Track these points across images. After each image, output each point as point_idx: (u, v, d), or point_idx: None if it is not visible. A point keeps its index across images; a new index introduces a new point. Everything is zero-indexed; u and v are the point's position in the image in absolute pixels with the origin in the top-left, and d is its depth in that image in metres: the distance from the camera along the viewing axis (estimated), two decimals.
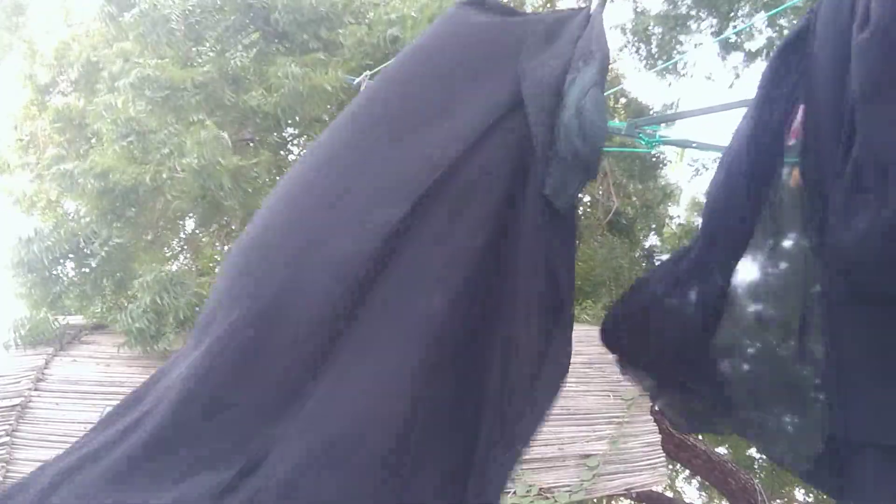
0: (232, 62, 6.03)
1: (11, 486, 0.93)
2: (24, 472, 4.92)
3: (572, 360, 5.62)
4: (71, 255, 5.50)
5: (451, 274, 1.08)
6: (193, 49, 6.14)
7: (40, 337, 5.45)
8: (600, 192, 8.39)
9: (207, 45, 6.11)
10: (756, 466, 11.10)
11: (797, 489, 11.48)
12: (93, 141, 6.68)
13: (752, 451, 11.45)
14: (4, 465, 4.60)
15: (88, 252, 5.48)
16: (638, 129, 3.43)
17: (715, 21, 8.63)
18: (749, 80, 9.03)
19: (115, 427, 0.97)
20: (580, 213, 9.09)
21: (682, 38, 8.99)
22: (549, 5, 9.91)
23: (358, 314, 1.03)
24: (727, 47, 8.83)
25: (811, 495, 11.79)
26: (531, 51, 1.26)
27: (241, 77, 6.07)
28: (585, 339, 6.84)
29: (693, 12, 8.53)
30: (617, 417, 5.35)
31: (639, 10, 9.38)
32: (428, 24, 5.83)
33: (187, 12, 5.91)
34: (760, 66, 8.89)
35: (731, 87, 9.09)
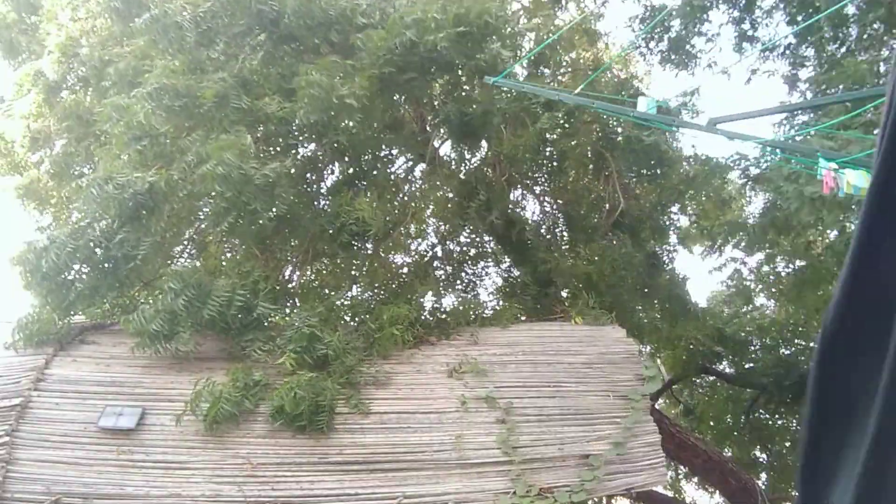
0: (242, 65, 6.00)
1: None
2: (25, 472, 4.87)
3: (572, 361, 5.72)
4: (85, 263, 5.51)
5: None
6: (205, 52, 6.14)
7: (43, 337, 5.46)
8: (608, 191, 8.32)
9: (218, 49, 6.11)
10: (757, 467, 11.07)
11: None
12: (102, 139, 6.68)
13: (755, 451, 11.45)
14: (4, 465, 4.63)
15: (101, 257, 5.48)
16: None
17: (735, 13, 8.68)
18: (762, 76, 9.10)
19: None
20: (584, 213, 9.08)
21: (701, 28, 9.03)
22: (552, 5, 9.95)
23: None
24: (747, 39, 8.85)
25: None
26: None
27: (252, 81, 6.04)
28: (585, 339, 6.84)
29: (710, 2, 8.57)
30: (617, 417, 5.36)
31: (651, 5, 9.42)
32: (453, 25, 5.54)
33: (198, 18, 5.86)
34: (776, 63, 8.96)
35: (747, 82, 9.14)
